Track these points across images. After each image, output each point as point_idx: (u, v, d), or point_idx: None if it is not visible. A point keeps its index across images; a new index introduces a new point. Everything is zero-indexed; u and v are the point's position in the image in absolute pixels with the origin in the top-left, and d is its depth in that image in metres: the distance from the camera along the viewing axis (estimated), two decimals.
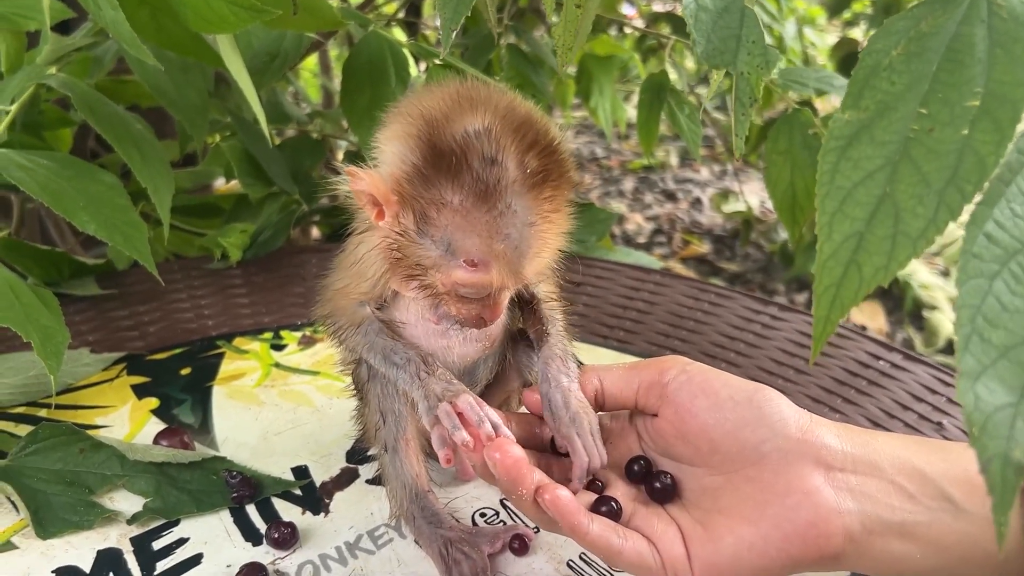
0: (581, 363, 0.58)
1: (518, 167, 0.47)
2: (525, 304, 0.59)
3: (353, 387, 0.63)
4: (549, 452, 0.56)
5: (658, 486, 0.53)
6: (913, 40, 0.41)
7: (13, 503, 0.64)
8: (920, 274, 2.44)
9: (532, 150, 0.47)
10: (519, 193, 0.47)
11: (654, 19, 1.76)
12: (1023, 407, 0.34)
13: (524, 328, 0.60)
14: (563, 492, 0.48)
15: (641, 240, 2.77)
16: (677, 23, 1.50)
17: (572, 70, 1.63)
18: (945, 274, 2.49)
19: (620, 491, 0.54)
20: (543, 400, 0.55)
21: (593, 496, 0.53)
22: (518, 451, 0.49)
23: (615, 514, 0.51)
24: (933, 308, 2.32)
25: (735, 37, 0.56)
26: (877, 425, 0.73)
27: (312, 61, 2.17)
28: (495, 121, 0.47)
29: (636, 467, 0.55)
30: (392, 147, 0.49)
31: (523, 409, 0.58)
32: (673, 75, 1.25)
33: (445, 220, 0.48)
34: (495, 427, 0.50)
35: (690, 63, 2.45)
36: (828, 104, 1.80)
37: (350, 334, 0.58)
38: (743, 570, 0.49)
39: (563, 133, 0.51)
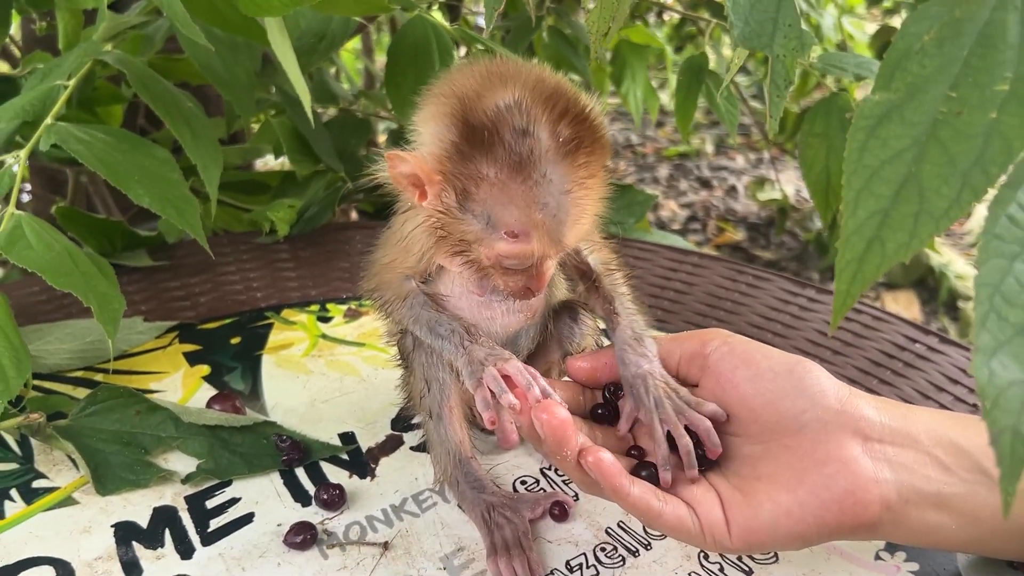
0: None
1: (551, 136, 0.48)
2: (586, 278, 0.60)
3: (399, 357, 0.65)
4: (591, 419, 0.58)
5: (699, 453, 0.55)
6: (947, 25, 0.42)
7: (74, 461, 0.66)
8: (956, 265, 2.42)
9: (563, 118, 0.48)
10: (553, 162, 0.48)
11: (693, 6, 1.76)
12: None
13: (588, 305, 0.61)
14: (606, 455, 0.50)
15: (675, 227, 2.78)
16: (716, 8, 1.50)
17: (608, 56, 1.63)
18: None
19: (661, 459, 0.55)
20: (625, 387, 0.56)
21: (634, 462, 0.54)
22: (564, 412, 0.50)
23: (655, 478, 0.52)
24: (968, 299, 2.30)
25: (772, 20, 0.56)
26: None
27: (352, 43, 2.19)
28: (525, 93, 0.48)
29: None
30: (429, 128, 0.51)
31: (565, 378, 0.60)
32: (712, 58, 1.25)
33: (484, 194, 0.49)
34: (543, 390, 0.52)
35: (727, 51, 2.44)
36: (864, 92, 1.79)
37: (396, 307, 0.59)
38: (780, 536, 0.50)
39: (595, 101, 0.51)
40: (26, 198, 1.45)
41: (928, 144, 0.39)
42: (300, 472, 0.66)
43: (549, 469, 0.67)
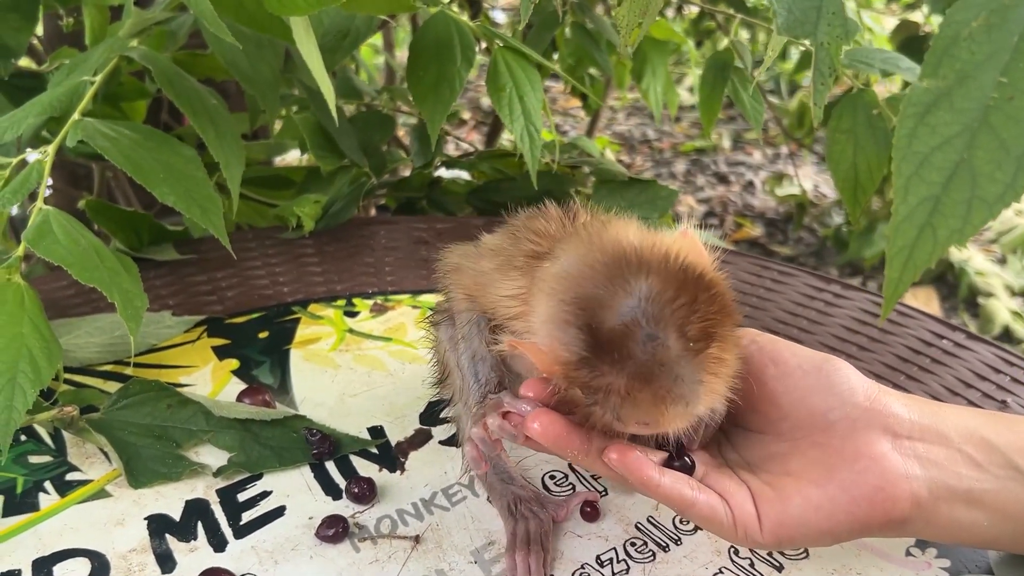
0: None
1: (679, 339, 0.46)
2: None
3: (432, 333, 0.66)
4: None
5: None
6: (995, 12, 0.42)
7: (106, 454, 0.67)
8: (976, 261, 2.41)
9: (692, 315, 0.46)
10: (684, 363, 0.46)
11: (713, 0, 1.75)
12: None
13: None
14: (630, 449, 0.50)
15: (692, 223, 2.77)
16: (737, 2, 1.50)
17: (630, 51, 1.63)
18: (1002, 261, 2.46)
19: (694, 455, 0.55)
20: None
21: (665, 455, 0.54)
22: (552, 413, 0.50)
23: (688, 469, 0.52)
24: (989, 295, 2.30)
25: (815, 8, 0.56)
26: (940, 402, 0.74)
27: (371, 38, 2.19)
28: (650, 294, 0.46)
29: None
30: (553, 331, 0.49)
31: None
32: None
33: (613, 401, 0.47)
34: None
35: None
36: (885, 89, 1.78)
37: (457, 310, 0.60)
38: (810, 531, 0.51)
39: (720, 275, 0.50)
40: (46, 193, 1.46)
41: (979, 130, 0.39)
42: (330, 465, 0.67)
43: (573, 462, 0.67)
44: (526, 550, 0.57)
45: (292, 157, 1.59)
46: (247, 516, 0.62)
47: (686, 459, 0.53)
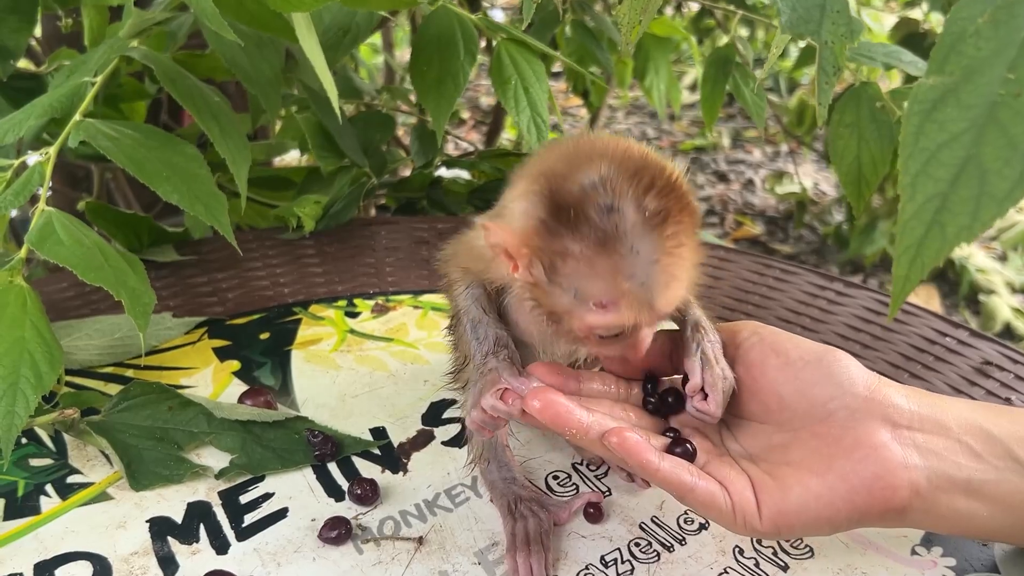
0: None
1: (636, 211, 0.47)
2: None
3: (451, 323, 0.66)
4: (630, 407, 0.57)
5: (670, 400, 0.56)
6: (1001, 8, 0.42)
7: (107, 456, 0.67)
8: (977, 258, 2.41)
9: (649, 192, 0.48)
10: (640, 235, 0.47)
11: None
12: None
13: None
14: (630, 433, 0.50)
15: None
16: (736, 0, 1.49)
17: (632, 49, 1.62)
18: (1003, 258, 2.46)
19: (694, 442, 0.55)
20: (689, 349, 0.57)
21: (667, 441, 0.54)
22: (553, 392, 0.51)
23: (690, 455, 0.53)
24: (990, 292, 2.29)
25: (819, 7, 0.56)
26: None
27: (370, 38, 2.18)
28: (610, 170, 0.48)
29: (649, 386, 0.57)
30: (518, 205, 0.51)
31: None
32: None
33: (570, 268, 0.49)
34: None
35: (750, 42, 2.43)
36: (886, 84, 1.78)
37: (455, 288, 0.60)
38: (810, 520, 0.51)
39: (681, 170, 0.51)
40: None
41: (987, 126, 0.39)
42: (332, 467, 0.67)
43: (581, 464, 0.67)
44: (527, 550, 0.57)
45: (292, 157, 1.59)
46: (249, 518, 0.62)
47: (687, 445, 0.53)
